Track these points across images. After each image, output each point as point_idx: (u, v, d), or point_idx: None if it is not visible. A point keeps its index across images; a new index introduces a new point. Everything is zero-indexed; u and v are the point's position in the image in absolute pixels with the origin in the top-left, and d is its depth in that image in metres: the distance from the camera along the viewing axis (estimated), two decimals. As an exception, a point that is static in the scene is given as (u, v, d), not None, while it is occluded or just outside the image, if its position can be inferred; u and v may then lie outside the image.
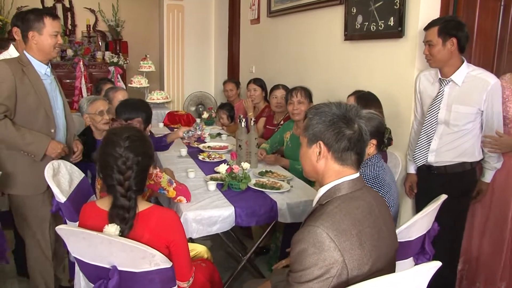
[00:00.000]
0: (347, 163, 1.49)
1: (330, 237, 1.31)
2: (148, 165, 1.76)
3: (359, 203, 1.45)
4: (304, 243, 1.33)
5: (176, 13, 6.39)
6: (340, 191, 1.47)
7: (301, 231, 1.36)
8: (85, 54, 6.46)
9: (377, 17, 3.03)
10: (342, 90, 3.17)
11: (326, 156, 1.49)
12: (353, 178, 1.50)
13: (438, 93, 2.54)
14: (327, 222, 1.34)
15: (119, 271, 1.61)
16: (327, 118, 1.48)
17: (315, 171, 1.54)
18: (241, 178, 2.61)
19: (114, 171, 1.66)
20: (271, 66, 4.92)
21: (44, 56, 2.52)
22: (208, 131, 4.39)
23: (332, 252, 1.30)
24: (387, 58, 3.03)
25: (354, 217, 1.39)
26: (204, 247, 2.44)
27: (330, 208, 1.41)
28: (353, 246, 1.33)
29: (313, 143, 1.51)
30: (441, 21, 2.46)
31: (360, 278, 1.32)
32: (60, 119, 2.63)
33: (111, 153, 1.67)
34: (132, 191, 1.67)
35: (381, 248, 1.42)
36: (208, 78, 6.73)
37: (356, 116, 1.49)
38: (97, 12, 7.27)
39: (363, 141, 1.50)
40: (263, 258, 3.38)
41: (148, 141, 1.81)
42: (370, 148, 2.12)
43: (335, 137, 1.46)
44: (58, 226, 1.65)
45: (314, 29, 3.95)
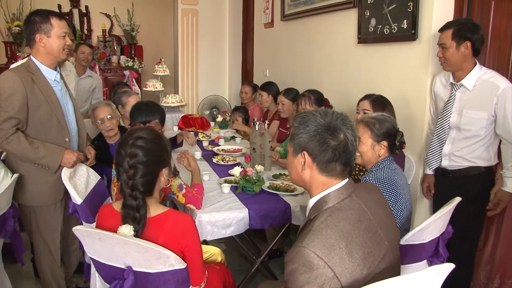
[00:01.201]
0: (333, 174, 1.47)
1: (318, 256, 1.30)
2: (157, 168, 1.75)
3: (346, 213, 1.42)
4: (294, 263, 1.33)
5: (191, 17, 6.44)
6: (326, 203, 1.45)
7: (291, 251, 1.36)
8: (101, 59, 6.56)
9: (390, 20, 3.03)
10: (355, 93, 3.17)
11: (311, 166, 1.48)
12: (340, 187, 1.47)
13: (450, 97, 2.52)
14: (313, 241, 1.33)
15: (134, 271, 1.63)
16: (311, 128, 1.46)
17: (301, 180, 1.54)
18: (255, 181, 2.62)
19: (121, 170, 1.69)
20: (285, 69, 4.93)
21: (53, 60, 2.43)
22: (223, 134, 4.42)
23: (322, 270, 1.29)
24: (400, 61, 3.02)
25: (341, 230, 1.37)
26: (218, 249, 2.46)
27: (317, 224, 1.39)
28: (343, 259, 1.32)
29: (298, 153, 1.50)
30: (455, 24, 2.43)
31: (356, 286, 1.32)
32: (72, 125, 2.58)
33: (121, 152, 1.70)
34: (138, 191, 1.67)
35: (377, 252, 1.41)
36: (222, 82, 6.76)
37: (342, 125, 1.46)
38: (112, 17, 7.37)
39: (349, 151, 1.46)
40: (277, 260, 3.38)
41: (162, 144, 1.81)
42: (381, 150, 2.14)
43: (319, 148, 1.44)
44: (75, 227, 1.67)
45: (328, 33, 3.95)
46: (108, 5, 7.33)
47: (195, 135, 4.39)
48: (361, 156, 2.18)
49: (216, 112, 6.09)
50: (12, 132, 2.27)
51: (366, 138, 2.16)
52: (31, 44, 2.40)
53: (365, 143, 2.16)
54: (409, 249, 1.91)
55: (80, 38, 6.94)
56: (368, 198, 1.53)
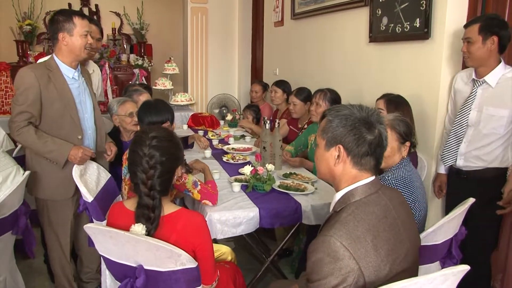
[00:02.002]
0: (365, 168, 1.47)
1: (344, 246, 1.29)
2: (174, 167, 1.77)
3: (373, 208, 1.42)
4: (319, 253, 1.32)
5: (200, 15, 6.44)
6: (354, 196, 1.45)
7: (316, 241, 1.36)
8: (111, 57, 6.59)
9: (402, 18, 3.00)
10: (367, 93, 3.15)
11: (344, 160, 1.47)
12: (368, 182, 1.47)
13: (471, 94, 2.48)
14: (340, 231, 1.33)
15: (145, 270, 1.63)
16: (348, 122, 1.45)
17: (331, 174, 1.52)
18: (265, 180, 2.61)
19: (139, 169, 1.68)
20: (295, 68, 4.92)
21: (73, 58, 2.51)
22: (232, 133, 4.42)
23: (347, 261, 1.28)
24: (412, 60, 2.99)
25: (368, 223, 1.37)
26: (228, 248, 2.45)
27: (344, 216, 1.39)
28: (368, 253, 1.31)
29: (332, 146, 1.48)
30: (483, 19, 2.39)
31: (378, 283, 1.31)
32: (89, 122, 2.64)
33: (137, 152, 1.70)
34: (156, 191, 1.68)
35: (400, 250, 1.40)
36: (232, 80, 6.77)
37: (377, 122, 1.46)
38: (122, 16, 7.39)
39: (382, 146, 1.47)
40: (286, 260, 3.38)
41: (176, 142, 1.82)
42: (405, 151, 2.11)
43: (356, 142, 1.44)
44: (86, 225, 1.68)
45: (339, 31, 3.93)
46: (118, 4, 7.35)
47: (204, 133, 4.40)
48: (385, 160, 2.09)
49: (225, 110, 6.09)
50: (23, 125, 2.36)
51: (392, 140, 2.09)
52: (54, 43, 2.50)
53: (392, 146, 2.10)
54: (421, 250, 1.87)
55: (91, 36, 6.96)
56: (393, 197, 1.53)
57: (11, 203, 2.11)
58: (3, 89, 5.06)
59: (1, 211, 2.05)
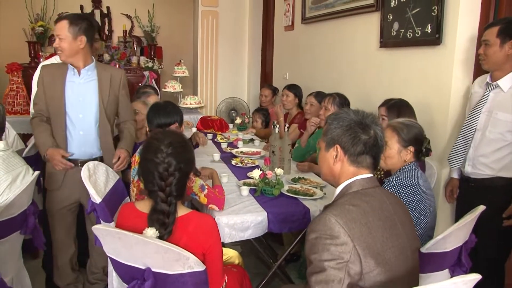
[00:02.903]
0: (362, 165, 1.57)
1: (339, 223, 1.37)
2: (189, 171, 1.78)
3: (369, 198, 1.51)
4: (316, 232, 1.41)
5: (211, 19, 6.46)
6: (351, 188, 1.55)
7: (313, 222, 1.45)
8: (121, 59, 6.61)
9: (414, 23, 2.99)
10: (377, 98, 3.13)
11: (342, 159, 1.57)
12: (366, 177, 1.56)
13: (483, 97, 2.44)
14: (336, 210, 1.42)
15: (153, 272, 1.63)
16: (344, 123, 1.56)
17: (332, 173, 1.63)
18: (274, 184, 2.61)
19: (156, 177, 1.67)
20: (305, 73, 4.91)
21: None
22: (241, 136, 4.41)
23: (342, 238, 1.36)
24: (423, 65, 2.98)
25: (363, 209, 1.45)
26: (235, 252, 2.44)
27: (340, 201, 1.50)
28: (362, 234, 1.38)
29: (331, 147, 1.60)
30: (503, 22, 2.36)
31: (372, 267, 1.37)
32: (86, 123, 2.64)
33: (153, 159, 1.68)
34: (173, 197, 1.69)
35: (395, 241, 1.46)
36: (241, 84, 6.77)
37: (372, 123, 1.56)
38: (133, 18, 7.42)
39: (378, 146, 1.57)
40: (294, 265, 3.36)
41: (189, 146, 1.83)
42: (407, 155, 2.14)
43: (351, 141, 1.54)
44: (95, 226, 1.68)
45: (349, 36, 3.92)
46: (129, 6, 7.39)
47: (213, 136, 4.40)
48: (385, 161, 2.17)
49: (234, 114, 6.09)
50: (33, 116, 2.66)
51: (393, 142, 2.15)
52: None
53: (392, 147, 2.15)
54: (430, 257, 1.87)
55: (101, 38, 7.00)
56: (391, 196, 1.63)
57: (20, 203, 2.12)
58: (15, 89, 5.10)
59: (10, 211, 2.05)
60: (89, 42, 2.59)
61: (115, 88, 2.72)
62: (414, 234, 1.62)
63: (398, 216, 1.54)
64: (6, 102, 5.04)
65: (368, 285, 1.37)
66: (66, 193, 2.70)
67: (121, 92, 2.75)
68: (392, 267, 1.40)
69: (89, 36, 2.58)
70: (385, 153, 2.16)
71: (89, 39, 2.57)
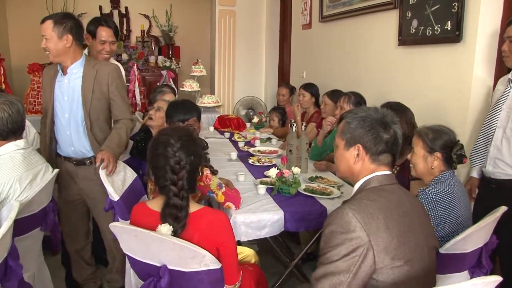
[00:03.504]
0: (383, 163, 1.57)
1: (356, 217, 1.37)
2: (199, 164, 1.79)
3: (387, 194, 1.51)
4: (332, 225, 1.40)
5: (228, 18, 6.47)
6: (370, 183, 1.55)
7: (330, 215, 1.46)
8: (139, 58, 6.67)
9: (433, 21, 2.95)
10: (395, 97, 3.10)
11: (363, 158, 1.57)
12: (384, 174, 1.56)
13: (504, 93, 2.37)
14: (353, 205, 1.42)
15: (169, 269, 1.64)
16: (366, 123, 1.55)
17: (351, 172, 1.62)
18: (291, 183, 2.60)
19: (168, 171, 1.69)
20: (322, 71, 4.88)
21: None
22: (259, 135, 4.41)
23: (358, 232, 1.35)
24: (443, 63, 2.93)
25: (381, 204, 1.44)
26: (252, 250, 2.44)
27: (358, 196, 1.50)
28: (380, 229, 1.37)
29: (351, 146, 1.58)
30: None
31: (386, 262, 1.36)
32: (73, 123, 2.59)
33: (164, 154, 1.70)
34: (185, 190, 1.70)
35: (412, 238, 1.45)
36: (259, 83, 6.77)
37: (391, 122, 1.56)
38: (151, 18, 7.48)
39: (398, 144, 1.58)
40: (310, 264, 3.35)
41: (197, 140, 1.85)
42: (435, 161, 2.07)
43: (374, 141, 1.54)
44: (112, 223, 1.70)
45: (367, 34, 3.89)
46: (147, 6, 7.45)
47: (231, 135, 4.40)
48: (414, 168, 2.13)
49: (252, 113, 6.09)
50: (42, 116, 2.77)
51: (418, 148, 2.11)
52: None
53: (417, 153, 2.11)
54: (449, 258, 1.84)
55: (120, 38, 7.08)
56: (408, 194, 1.62)
57: (40, 200, 2.15)
58: (36, 89, 5.18)
59: (31, 208, 2.08)
60: (77, 40, 2.54)
61: (101, 84, 2.57)
62: (431, 231, 1.60)
63: (415, 213, 1.53)
64: (27, 102, 5.13)
65: (382, 279, 1.37)
66: (65, 190, 2.76)
67: (110, 88, 2.59)
68: (407, 263, 1.39)
69: (76, 35, 2.52)
70: (412, 160, 2.14)
71: (76, 37, 2.52)
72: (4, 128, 2.12)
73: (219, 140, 4.28)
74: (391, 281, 1.37)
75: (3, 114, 2.10)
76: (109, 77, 2.58)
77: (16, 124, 2.15)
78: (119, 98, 2.63)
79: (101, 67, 2.60)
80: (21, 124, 2.19)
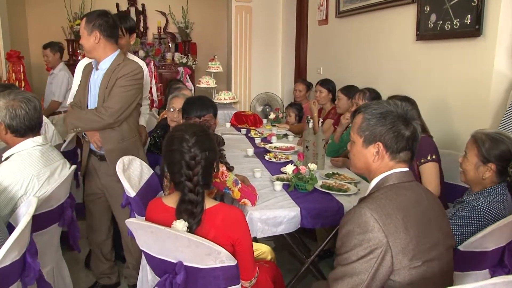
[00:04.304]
0: (402, 160, 1.52)
1: (374, 217, 1.33)
2: (214, 160, 1.78)
3: (406, 191, 1.47)
4: (349, 224, 1.37)
5: (244, 14, 6.46)
6: (388, 181, 1.50)
7: (347, 214, 1.42)
8: (156, 55, 6.70)
9: (452, 15, 2.89)
10: (413, 93, 3.06)
11: (383, 156, 1.52)
12: (403, 171, 1.52)
13: None
14: (371, 204, 1.38)
15: (184, 266, 1.64)
16: (387, 120, 1.49)
17: (368, 169, 1.57)
18: (307, 179, 2.58)
19: (183, 166, 1.69)
20: (339, 67, 4.85)
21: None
22: (275, 131, 4.39)
23: (376, 233, 1.32)
24: (462, 58, 2.88)
25: (399, 203, 1.41)
26: (268, 247, 2.43)
27: (376, 194, 1.45)
28: (398, 229, 1.34)
29: (371, 144, 1.53)
30: None
31: (404, 263, 1.33)
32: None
33: (179, 149, 1.70)
34: (200, 186, 1.70)
35: (429, 238, 1.42)
36: (275, 79, 6.75)
37: (412, 118, 1.51)
38: (167, 15, 7.51)
39: (417, 140, 1.53)
40: (327, 261, 3.33)
41: (212, 135, 1.85)
42: (487, 173, 1.96)
43: (395, 139, 1.49)
44: (128, 220, 1.71)
45: (385, 29, 3.84)
46: (164, 3, 7.48)
47: (247, 132, 4.40)
48: (464, 174, 2.05)
49: (268, 109, 6.08)
50: (71, 104, 2.81)
51: (472, 155, 1.99)
52: None
53: (470, 161, 2.00)
54: (468, 256, 1.81)
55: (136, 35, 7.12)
56: (427, 192, 1.57)
57: (58, 196, 2.17)
58: (55, 86, 5.23)
59: (49, 203, 2.11)
60: (108, 37, 2.58)
61: (113, 80, 2.59)
62: (449, 230, 1.57)
63: (433, 212, 1.49)
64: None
65: (399, 280, 1.34)
66: (89, 183, 2.82)
67: (116, 83, 2.58)
68: (425, 264, 1.37)
69: (106, 32, 2.56)
70: (463, 165, 2.05)
71: (105, 34, 2.57)
72: (22, 125, 2.14)
73: (236, 137, 4.27)
74: (408, 281, 1.35)
75: (20, 111, 2.12)
76: (121, 75, 2.58)
77: (33, 121, 2.17)
78: (115, 92, 2.58)
79: (125, 66, 2.61)
80: (38, 121, 2.21)
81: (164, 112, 3.25)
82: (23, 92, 2.24)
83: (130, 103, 2.62)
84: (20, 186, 2.06)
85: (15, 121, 2.12)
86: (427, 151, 2.59)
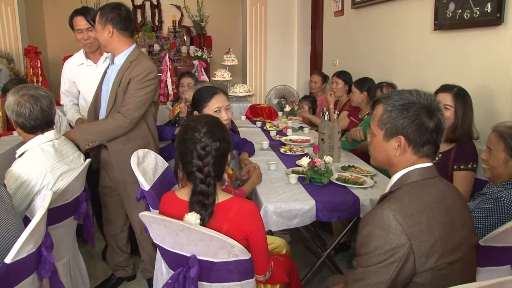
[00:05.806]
0: (425, 154, 1.45)
1: (397, 219, 1.28)
2: (227, 151, 1.77)
3: (430, 189, 1.40)
4: (370, 226, 1.31)
5: (259, 7, 6.42)
6: (410, 178, 1.43)
7: (368, 214, 1.36)
8: (171, 49, 6.69)
9: (471, 3, 2.82)
10: (431, 84, 2.99)
11: (405, 149, 1.45)
12: (426, 166, 1.45)
13: None
14: (394, 205, 1.32)
15: (198, 260, 1.63)
16: (409, 113, 1.42)
17: (389, 163, 1.51)
18: (323, 172, 2.55)
19: (194, 156, 1.68)
20: (355, 59, 4.79)
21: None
22: (291, 124, 4.37)
23: (398, 236, 1.27)
24: (482, 48, 2.81)
25: (423, 203, 1.35)
26: (283, 240, 2.42)
27: (399, 193, 1.39)
28: (422, 231, 1.29)
29: (392, 137, 1.46)
30: None
31: (428, 266, 1.28)
32: (103, 112, 2.69)
33: (191, 139, 1.70)
34: (211, 177, 1.68)
35: (454, 238, 1.35)
36: (291, 72, 6.71)
37: (436, 109, 1.43)
38: (182, 8, 7.49)
39: (442, 133, 1.45)
40: (343, 255, 3.31)
41: (225, 127, 1.83)
42: None
43: (418, 132, 1.42)
44: (141, 213, 1.70)
45: (401, 20, 3.77)
46: (178, -3, 7.47)
47: (262, 124, 4.38)
48: (490, 170, 2.00)
49: (284, 102, 6.05)
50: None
51: (499, 150, 1.95)
52: None
53: (497, 156, 1.95)
54: (489, 251, 1.76)
55: (152, 29, 7.13)
56: (451, 187, 1.50)
57: (73, 189, 2.18)
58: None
59: (64, 197, 2.12)
60: (121, 31, 2.55)
61: (125, 79, 2.55)
62: (472, 229, 1.51)
63: (457, 209, 1.43)
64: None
65: (421, 282, 1.30)
66: (103, 176, 2.84)
67: (130, 85, 2.54)
68: (448, 266, 1.32)
69: (119, 25, 2.52)
70: (490, 161, 2.00)
71: (119, 28, 2.53)
72: (27, 123, 2.14)
73: (251, 129, 4.26)
74: (430, 283, 1.30)
75: (24, 110, 2.11)
76: (137, 77, 2.54)
77: (38, 120, 2.15)
78: (130, 93, 2.55)
79: (138, 64, 2.56)
80: (45, 120, 2.17)
81: (176, 105, 3.24)
82: (36, 88, 2.19)
83: (147, 106, 2.62)
84: (35, 182, 2.06)
85: (20, 119, 2.13)
86: (470, 159, 2.47)
